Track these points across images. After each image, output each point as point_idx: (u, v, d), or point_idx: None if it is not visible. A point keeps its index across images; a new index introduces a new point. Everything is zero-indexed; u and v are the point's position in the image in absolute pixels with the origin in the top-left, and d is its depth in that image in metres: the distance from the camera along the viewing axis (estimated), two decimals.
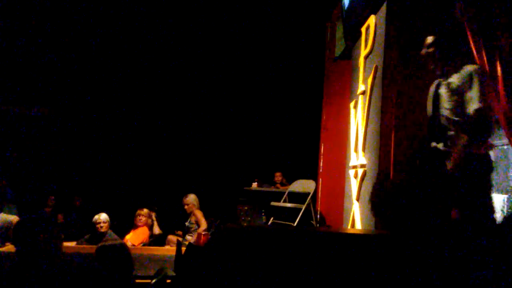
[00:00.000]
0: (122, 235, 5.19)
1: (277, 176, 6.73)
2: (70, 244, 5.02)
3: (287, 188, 5.75)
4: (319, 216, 5.37)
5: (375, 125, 3.33)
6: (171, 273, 2.76)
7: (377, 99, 3.35)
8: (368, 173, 3.42)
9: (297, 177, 5.81)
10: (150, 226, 5.41)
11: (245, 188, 6.51)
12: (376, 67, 3.40)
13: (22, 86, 7.38)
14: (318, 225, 5.19)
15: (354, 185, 3.75)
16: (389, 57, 3.21)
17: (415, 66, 3.10)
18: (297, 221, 4.88)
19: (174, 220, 5.81)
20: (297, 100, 6.98)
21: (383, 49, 3.28)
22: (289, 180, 6.30)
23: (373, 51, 3.59)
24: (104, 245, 2.55)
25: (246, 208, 5.31)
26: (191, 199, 5.17)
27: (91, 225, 4.90)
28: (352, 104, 4.12)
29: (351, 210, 3.73)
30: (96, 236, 4.77)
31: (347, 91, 4.54)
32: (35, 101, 7.76)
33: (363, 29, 3.80)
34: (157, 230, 5.45)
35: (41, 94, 7.57)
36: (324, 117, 5.73)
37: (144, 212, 5.32)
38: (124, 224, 5.54)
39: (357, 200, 3.61)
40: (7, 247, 3.79)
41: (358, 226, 3.50)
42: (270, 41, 6.93)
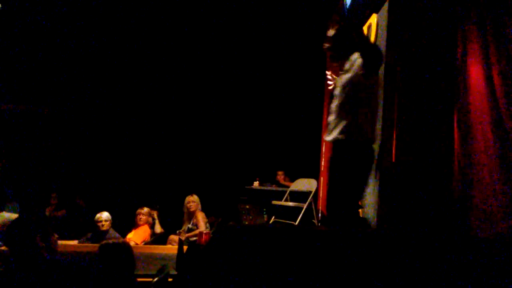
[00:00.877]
0: (124, 234, 5.20)
1: (280, 175, 6.74)
2: (72, 242, 5.03)
3: (289, 185, 5.78)
4: (320, 215, 5.37)
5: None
6: (173, 271, 2.76)
7: (378, 97, 3.34)
8: None
9: (298, 176, 5.81)
10: (151, 225, 5.41)
11: (247, 187, 6.52)
12: None
13: (25, 84, 7.39)
14: (319, 224, 5.19)
15: None
16: (391, 56, 3.21)
17: (416, 64, 3.10)
18: (298, 220, 4.88)
19: (175, 219, 5.81)
20: (298, 98, 6.98)
21: (384, 48, 3.27)
22: (291, 179, 6.31)
23: None
24: (107, 243, 2.55)
25: (247, 207, 5.31)
26: (196, 199, 5.22)
27: (93, 224, 4.92)
28: None
29: None
30: (98, 235, 4.78)
31: None
32: (38, 99, 7.77)
33: (365, 28, 3.80)
34: (158, 229, 5.45)
35: (44, 92, 7.58)
36: (326, 116, 5.73)
37: (145, 211, 5.33)
38: (125, 223, 5.55)
39: None
40: None
41: None
42: (271, 40, 6.92)
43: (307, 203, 5.00)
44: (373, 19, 3.58)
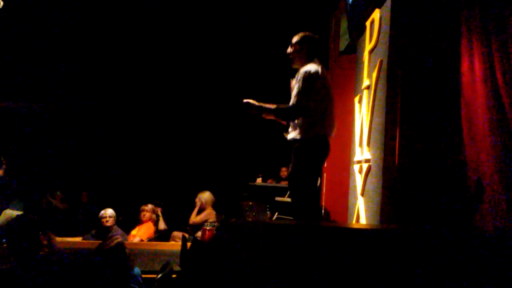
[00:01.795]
0: (128, 230, 5.22)
1: (283, 171, 6.72)
2: (76, 239, 5.05)
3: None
4: (323, 211, 5.37)
5: (379, 119, 3.32)
6: (177, 268, 2.77)
7: (382, 93, 3.33)
8: (373, 168, 3.41)
9: None
10: (155, 222, 5.43)
11: (250, 183, 6.52)
12: (381, 62, 3.38)
13: (31, 82, 7.41)
14: (322, 220, 5.19)
15: (358, 180, 3.74)
16: (394, 51, 3.19)
17: (420, 60, 3.08)
18: None
19: (179, 216, 5.83)
20: None
21: (388, 43, 3.26)
22: None
23: (377, 46, 3.56)
24: (101, 247, 2.56)
25: (250, 204, 5.31)
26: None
27: (97, 220, 4.93)
28: (356, 99, 4.11)
29: (355, 205, 3.72)
30: (102, 231, 4.80)
31: (351, 85, 4.52)
32: (43, 97, 7.79)
33: (367, 23, 3.78)
34: (162, 226, 5.47)
35: (48, 89, 7.60)
36: None
37: (149, 207, 5.35)
38: (130, 220, 5.57)
39: (362, 195, 3.60)
40: None
41: (363, 221, 3.49)
42: (274, 36, 6.89)
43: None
44: (376, 14, 3.55)
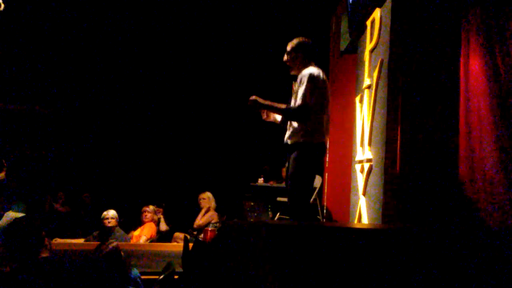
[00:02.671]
0: (130, 231, 5.22)
1: (284, 172, 6.71)
2: (78, 241, 5.05)
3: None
4: (325, 211, 5.37)
5: (381, 119, 3.31)
6: (179, 269, 2.76)
7: (383, 93, 3.33)
8: (374, 168, 3.41)
9: None
10: (156, 223, 5.43)
11: (251, 184, 6.51)
12: (382, 61, 3.38)
13: (32, 84, 7.42)
14: (324, 220, 5.19)
15: (360, 179, 3.73)
16: (395, 50, 3.18)
17: (420, 59, 3.08)
18: None
19: (181, 217, 5.83)
20: None
21: (388, 42, 3.25)
22: None
23: (378, 45, 3.56)
24: (97, 252, 2.57)
25: (252, 204, 5.30)
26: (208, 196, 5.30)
27: (99, 222, 4.94)
28: (357, 99, 4.10)
29: (357, 204, 3.71)
30: (104, 232, 4.80)
31: (352, 85, 4.51)
32: (45, 99, 7.80)
33: (368, 23, 3.77)
34: (164, 227, 5.47)
35: (50, 92, 7.61)
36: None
37: (150, 208, 5.35)
38: (131, 221, 5.57)
39: (364, 194, 3.59)
40: None
41: (365, 220, 3.49)
42: (274, 35, 6.89)
43: (312, 199, 4.99)
44: (377, 13, 3.55)
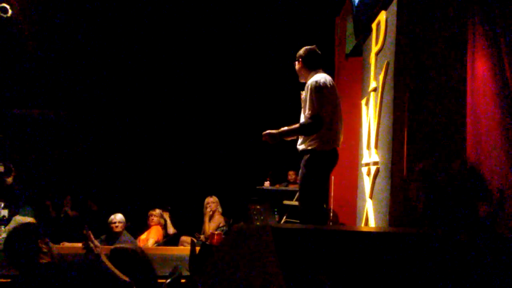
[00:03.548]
0: (136, 235, 5.23)
1: (291, 175, 6.71)
2: None
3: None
4: (332, 214, 5.34)
5: (387, 122, 3.30)
6: (186, 273, 2.77)
7: (389, 95, 3.32)
8: (381, 171, 3.39)
9: None
10: (163, 226, 5.44)
11: (258, 187, 6.51)
12: (388, 64, 3.37)
13: (38, 89, 7.48)
14: (331, 223, 5.17)
15: (367, 182, 3.72)
16: (401, 53, 3.18)
17: (427, 61, 3.07)
18: None
19: (187, 220, 5.84)
20: None
21: (394, 45, 3.25)
22: None
23: (384, 48, 3.55)
24: (117, 248, 2.56)
25: (258, 207, 5.30)
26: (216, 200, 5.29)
27: (106, 226, 4.95)
28: (363, 101, 4.09)
29: (364, 208, 3.70)
30: (112, 236, 4.82)
31: (358, 88, 4.50)
32: (51, 104, 7.86)
33: (373, 25, 3.77)
34: (171, 230, 5.48)
35: (58, 97, 7.66)
36: None
37: (156, 212, 5.37)
38: (138, 225, 5.58)
39: (371, 197, 3.58)
40: None
41: (372, 224, 3.47)
42: (279, 38, 6.90)
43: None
44: (382, 16, 3.55)
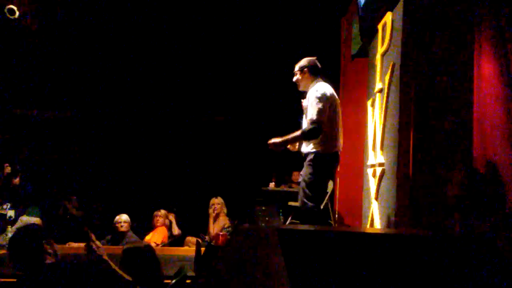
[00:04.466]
0: (142, 236, 5.25)
1: (295, 175, 6.70)
2: None
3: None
4: (337, 216, 5.34)
5: (393, 123, 3.29)
6: (191, 273, 2.77)
7: (394, 97, 3.31)
8: (386, 172, 3.38)
9: None
10: (168, 227, 5.45)
11: (263, 188, 6.51)
12: (394, 65, 3.36)
13: (45, 91, 7.52)
14: (336, 224, 5.16)
15: (372, 184, 3.71)
16: (407, 54, 3.17)
17: (433, 63, 3.06)
18: None
19: (192, 221, 5.84)
20: None
21: (400, 46, 3.24)
22: None
23: (390, 49, 3.55)
24: (129, 248, 2.56)
25: (263, 208, 5.30)
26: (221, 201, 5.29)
27: (112, 226, 4.97)
28: (369, 103, 4.09)
29: (369, 209, 3.69)
30: (117, 237, 4.83)
31: (364, 89, 4.50)
32: (58, 105, 7.91)
33: (379, 26, 3.76)
34: (176, 231, 5.49)
35: (63, 97, 7.70)
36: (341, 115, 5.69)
37: (161, 213, 5.38)
38: (143, 226, 5.60)
39: (376, 199, 3.57)
40: None
41: (377, 225, 3.46)
42: (285, 39, 6.90)
43: (323, 203, 4.97)
44: (388, 17, 3.54)
